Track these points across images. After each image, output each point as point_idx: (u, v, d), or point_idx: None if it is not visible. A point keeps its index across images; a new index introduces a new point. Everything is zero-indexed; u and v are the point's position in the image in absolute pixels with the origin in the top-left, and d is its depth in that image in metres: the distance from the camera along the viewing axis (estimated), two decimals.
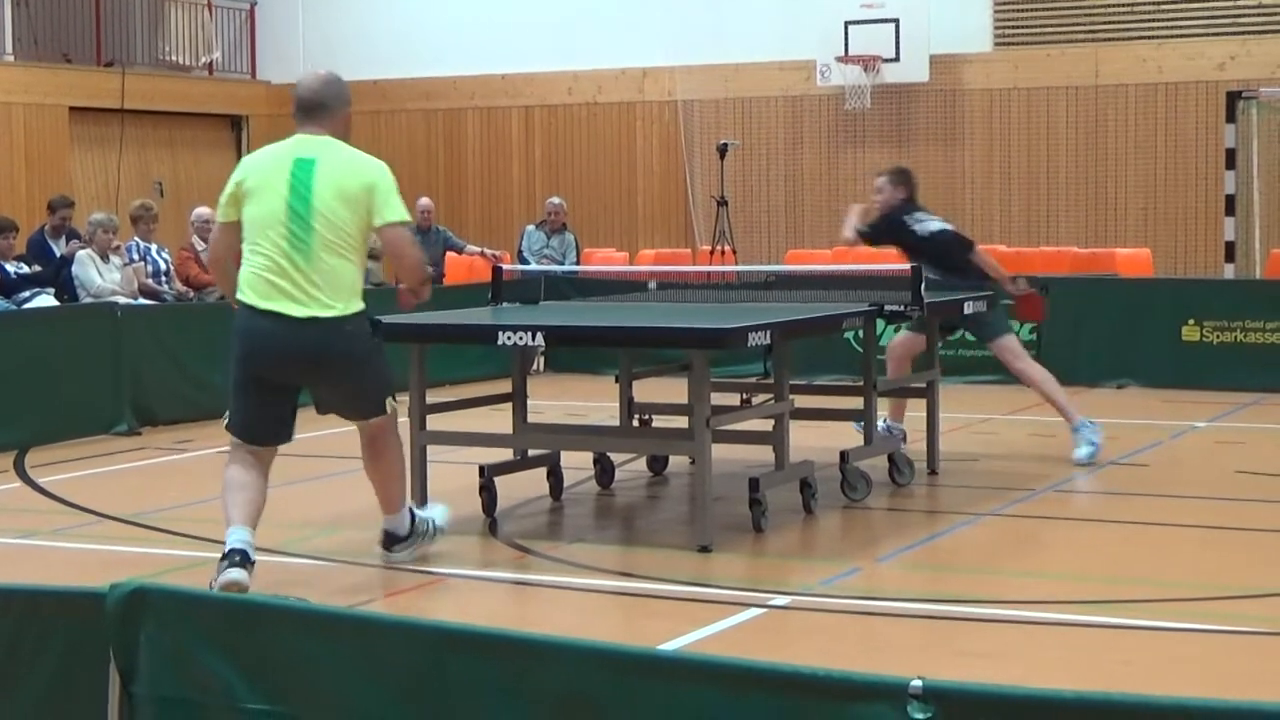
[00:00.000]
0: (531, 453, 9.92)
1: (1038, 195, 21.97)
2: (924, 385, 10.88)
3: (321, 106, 7.59)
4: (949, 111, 22.30)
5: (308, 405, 7.92)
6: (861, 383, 10.32)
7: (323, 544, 8.81)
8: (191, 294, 15.71)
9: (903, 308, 9.76)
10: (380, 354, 7.87)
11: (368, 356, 7.69)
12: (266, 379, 7.54)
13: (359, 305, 7.55)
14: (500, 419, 10.18)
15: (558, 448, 10.04)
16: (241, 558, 7.27)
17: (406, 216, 7.65)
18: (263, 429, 7.65)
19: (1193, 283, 17.64)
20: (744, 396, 11.48)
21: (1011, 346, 11.65)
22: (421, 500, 9.02)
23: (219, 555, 7.45)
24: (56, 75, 22.50)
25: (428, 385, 9.23)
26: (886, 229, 11.81)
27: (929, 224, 11.83)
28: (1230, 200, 19.69)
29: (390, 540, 8.18)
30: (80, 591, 4.05)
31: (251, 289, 7.46)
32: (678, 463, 10.91)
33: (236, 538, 7.35)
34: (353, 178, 7.48)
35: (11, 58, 22.37)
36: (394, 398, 7.82)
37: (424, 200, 19.66)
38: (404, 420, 9.38)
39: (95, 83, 22.83)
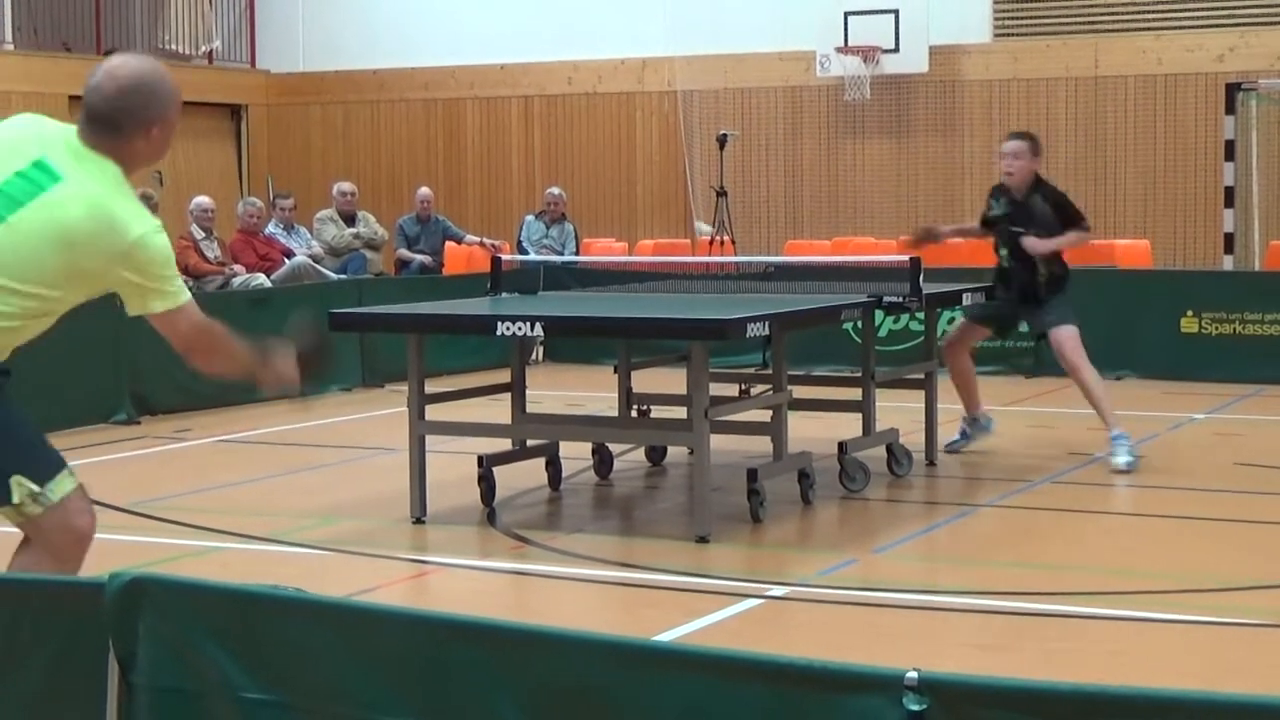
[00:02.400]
0: (530, 443, 9.93)
1: None
2: (922, 376, 10.88)
3: (111, 125, 5.06)
4: (948, 102, 22.29)
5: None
6: (860, 373, 10.33)
7: (320, 534, 8.81)
8: (191, 283, 15.71)
9: (902, 299, 9.76)
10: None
11: None
12: None
13: None
14: (499, 409, 10.19)
15: (556, 438, 10.05)
16: None
17: (181, 299, 5.28)
18: None
19: (1191, 274, 17.65)
20: (743, 387, 11.49)
21: (1073, 336, 11.06)
22: (421, 494, 9.01)
23: (220, 545, 7.44)
24: (56, 64, 22.48)
25: (426, 375, 9.22)
26: (1025, 212, 10.91)
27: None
28: (1229, 192, 19.67)
29: None
30: (79, 581, 4.06)
31: None
32: (676, 453, 10.91)
33: None
34: (92, 235, 5.01)
35: (11, 46, 22.37)
36: (36, 482, 5.18)
37: (423, 190, 19.69)
38: (402, 411, 9.40)
39: None
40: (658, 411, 11.03)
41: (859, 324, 11.09)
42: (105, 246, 4.99)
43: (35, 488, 5.08)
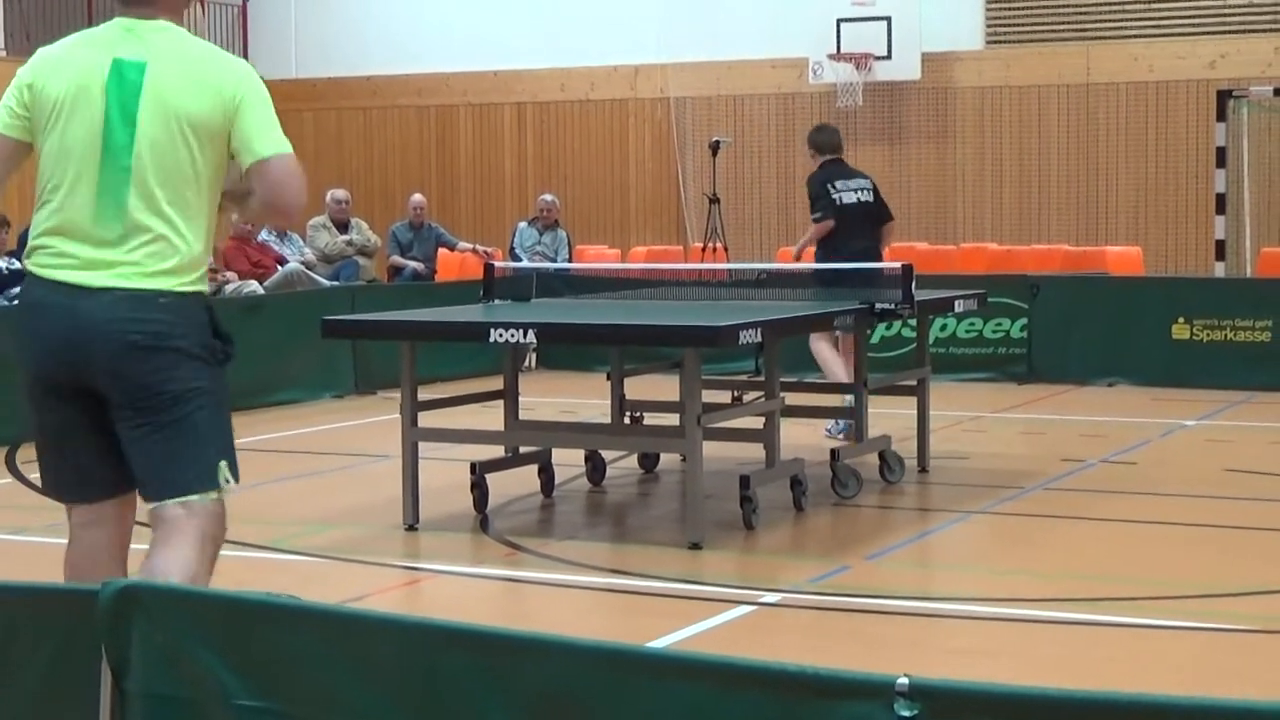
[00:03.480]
0: (523, 450, 9.94)
1: (1029, 193, 22.01)
2: (914, 383, 10.90)
3: None
4: (941, 109, 22.34)
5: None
6: (852, 381, 10.34)
7: (314, 541, 8.81)
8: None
9: (894, 306, 9.77)
10: (221, 391, 5.03)
11: (196, 368, 4.93)
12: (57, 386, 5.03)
13: (195, 283, 4.98)
14: (492, 416, 10.19)
15: (549, 445, 10.05)
16: None
17: (288, 145, 4.96)
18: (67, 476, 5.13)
19: (1183, 281, 17.67)
20: (735, 394, 11.50)
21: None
22: (413, 501, 9.02)
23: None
24: None
25: (419, 382, 9.22)
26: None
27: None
28: (1220, 199, 19.70)
29: None
30: (72, 589, 4.06)
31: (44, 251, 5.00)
32: (669, 460, 10.92)
33: None
34: (201, 89, 4.90)
35: (3, 52, 22.36)
36: (232, 473, 5.00)
37: (417, 196, 19.69)
38: (394, 418, 9.41)
39: None
40: (650, 418, 11.03)
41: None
42: (224, 105, 4.90)
43: (231, 477, 4.99)
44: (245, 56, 25.09)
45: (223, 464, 4.94)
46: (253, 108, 4.90)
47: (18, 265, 15.10)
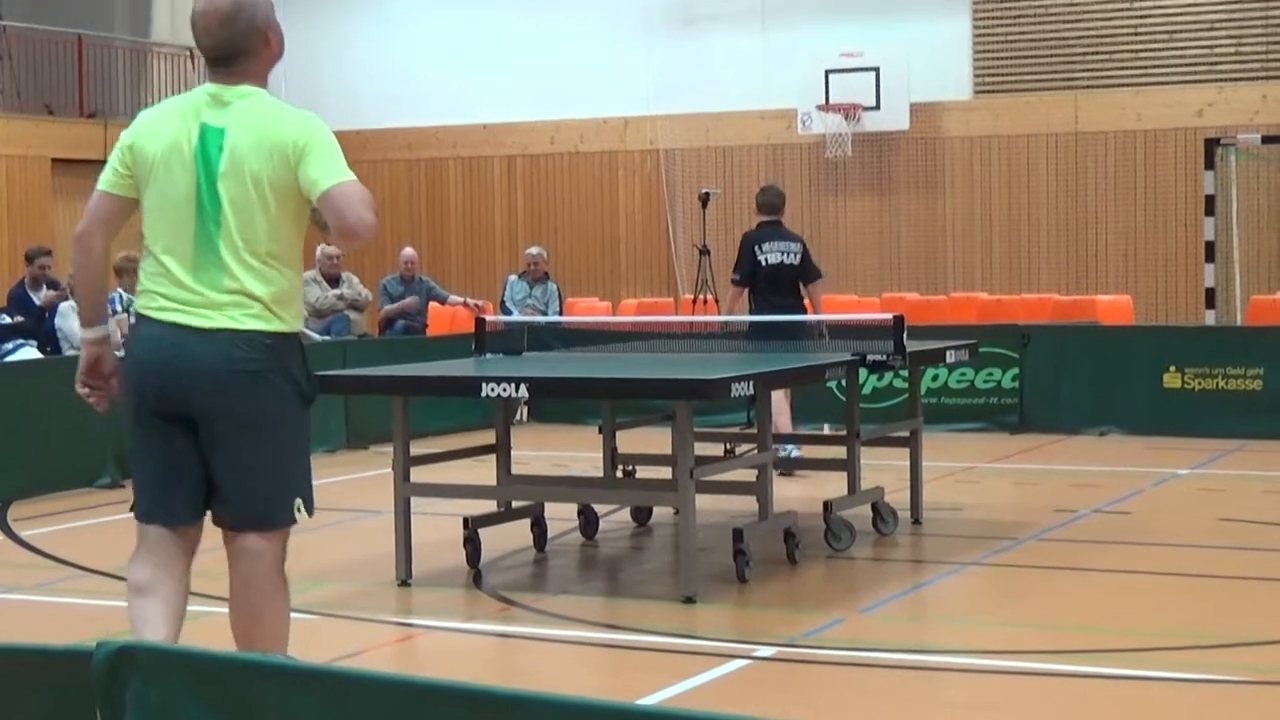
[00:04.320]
0: (515, 504, 9.93)
1: (1018, 242, 22.07)
2: (907, 434, 10.90)
3: (238, 52, 5.60)
4: (930, 159, 22.42)
5: None
6: (844, 432, 10.34)
7: (306, 597, 8.78)
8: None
9: (885, 357, 9.79)
10: (306, 428, 5.69)
11: (289, 405, 5.58)
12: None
13: (291, 322, 5.61)
14: (484, 470, 10.18)
15: (542, 499, 10.05)
16: None
17: (348, 174, 5.50)
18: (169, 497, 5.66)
19: (1174, 329, 17.72)
20: (727, 446, 11.50)
21: None
22: (406, 557, 9.01)
23: (205, 609, 7.41)
24: (39, 126, 22.55)
25: (411, 436, 9.22)
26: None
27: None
28: (1210, 246, 19.79)
29: None
30: (66, 649, 4.05)
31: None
32: (662, 513, 10.91)
33: None
34: (270, 151, 5.49)
35: None
36: (307, 508, 5.65)
37: (407, 250, 19.71)
38: (387, 473, 9.40)
39: (78, 134, 22.88)
40: (643, 471, 11.02)
41: (843, 382, 11.11)
42: (287, 159, 5.44)
43: (306, 511, 5.61)
44: None
45: (298, 500, 5.56)
46: (313, 151, 5.44)
47: (8, 321, 15.11)
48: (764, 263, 13.15)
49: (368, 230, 5.43)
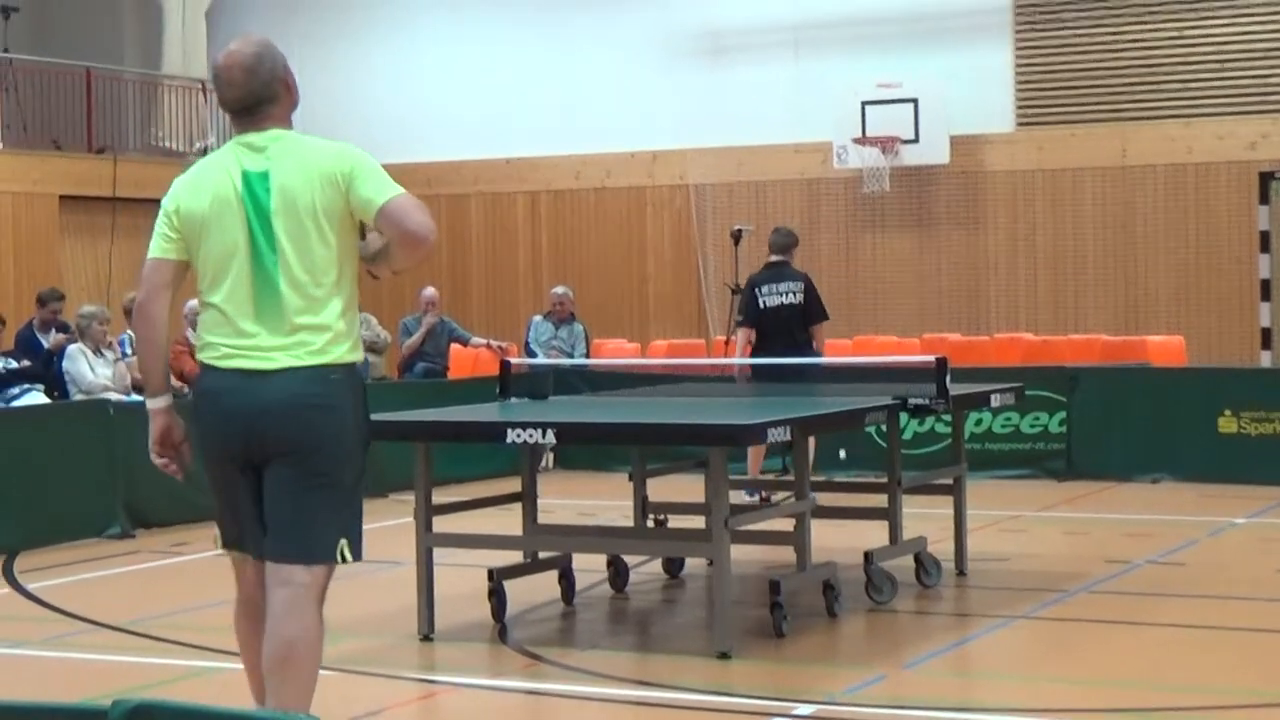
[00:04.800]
0: (542, 555, 9.92)
1: (1064, 281, 22.04)
2: (950, 481, 10.88)
3: (262, 100, 6.00)
4: (971, 194, 22.42)
5: None
6: (885, 479, 10.33)
7: (325, 653, 8.75)
8: (186, 389, 15.76)
9: (927, 400, 9.77)
10: (361, 471, 6.04)
11: (351, 444, 5.96)
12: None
13: (352, 352, 6.01)
14: (509, 519, 10.18)
15: (569, 550, 10.04)
16: None
17: (400, 189, 5.95)
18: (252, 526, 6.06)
19: (1228, 371, 17.65)
20: (763, 494, 11.48)
21: None
22: (428, 610, 9.00)
23: (221, 665, 7.41)
24: (46, 162, 22.67)
25: (433, 484, 9.22)
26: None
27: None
28: (1265, 285, 19.76)
29: None
30: (80, 708, 4.05)
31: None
32: (695, 564, 10.89)
33: None
34: (318, 181, 5.91)
35: (0, 145, 22.54)
36: (352, 551, 5.96)
37: (428, 290, 19.75)
38: (408, 522, 9.40)
39: (86, 170, 23.00)
40: (675, 521, 11.01)
41: (883, 427, 11.10)
42: (337, 185, 5.87)
43: (350, 555, 5.93)
44: None
45: (344, 541, 5.89)
46: (361, 175, 5.88)
47: (15, 365, 15.16)
48: (763, 305, 13.99)
49: (430, 233, 5.84)
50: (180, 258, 6.02)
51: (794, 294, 13.92)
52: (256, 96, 5.97)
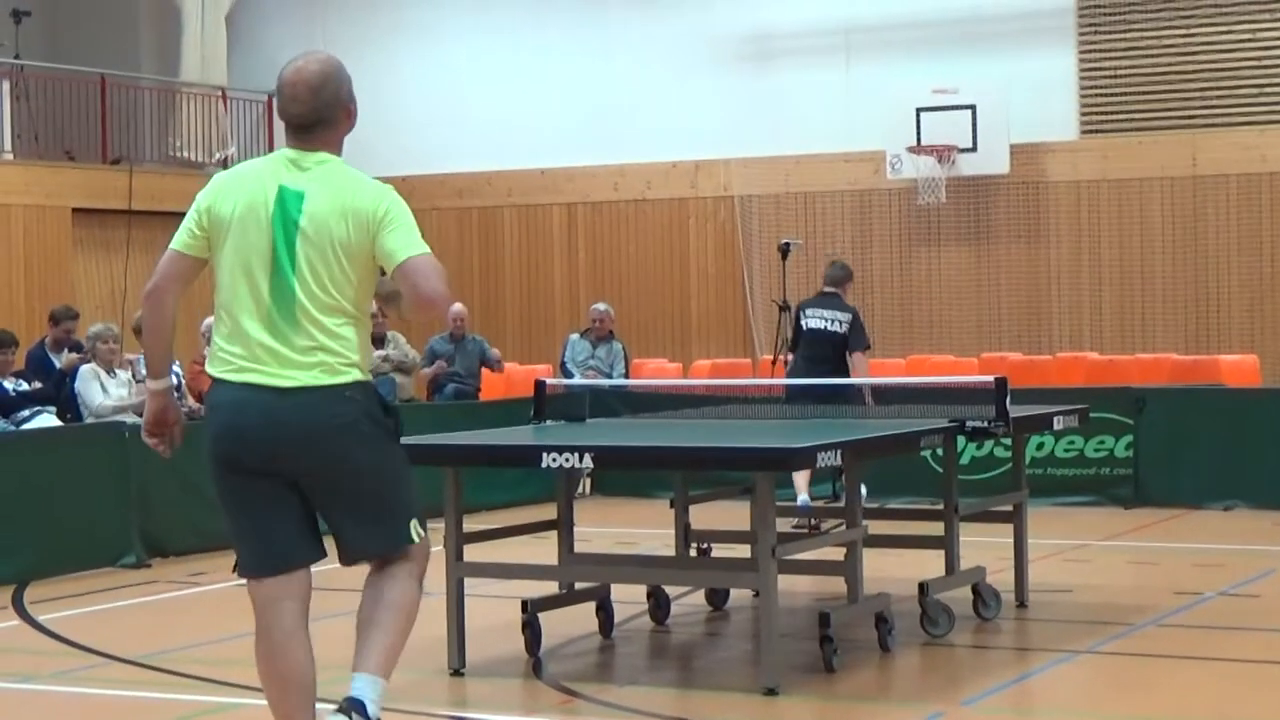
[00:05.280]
0: (579, 586, 9.92)
1: (1131, 297, 21.97)
2: (1010, 509, 10.84)
3: (322, 122, 6.40)
4: (1032, 206, 22.37)
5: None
6: (942, 506, 10.30)
7: (343, 689, 8.78)
8: (201, 408, 15.80)
9: (986, 423, 9.74)
10: (403, 459, 6.52)
11: (382, 445, 6.37)
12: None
13: (365, 372, 6.39)
14: (544, 548, 10.18)
15: (607, 580, 10.04)
16: None
17: (425, 247, 6.28)
18: (270, 548, 6.35)
19: None
20: (813, 522, 11.47)
21: None
22: (459, 643, 9.01)
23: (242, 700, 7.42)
24: (59, 174, 22.79)
25: (464, 511, 9.23)
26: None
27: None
28: None
29: (353, 708, 6.35)
30: None
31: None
32: (740, 596, 10.88)
33: None
34: (349, 216, 6.26)
35: (11, 155, 22.68)
36: (421, 528, 6.49)
37: (456, 306, 19.71)
38: (438, 551, 9.41)
39: (100, 182, 23.11)
40: (719, 550, 11.00)
41: (939, 451, 11.06)
42: (367, 227, 6.21)
43: (422, 532, 6.46)
44: (271, 152, 25.35)
45: (413, 523, 6.39)
46: (391, 223, 6.21)
47: (25, 387, 15.22)
48: (804, 327, 14.68)
49: (444, 301, 6.20)
50: (200, 255, 6.37)
51: (839, 323, 14.50)
52: (317, 116, 6.34)
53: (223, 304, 6.30)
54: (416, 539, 6.42)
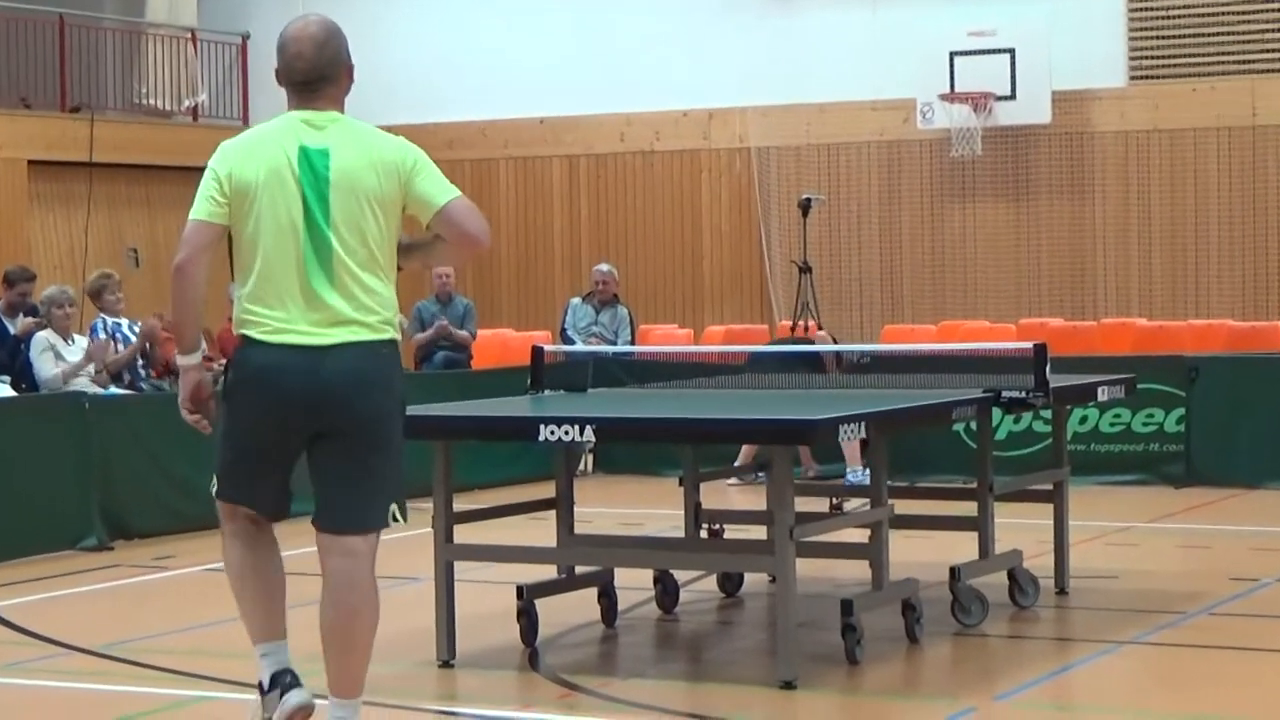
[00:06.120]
0: (579, 570, 9.93)
1: (1184, 257, 21.97)
2: (1049, 487, 10.85)
3: (325, 79, 7.01)
4: (1076, 158, 22.36)
5: None
6: (975, 485, 10.31)
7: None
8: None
9: (1024, 394, 9.75)
10: (402, 439, 7.08)
11: (399, 415, 7.03)
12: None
13: (395, 330, 7.01)
14: (541, 530, 10.20)
15: (610, 564, 10.04)
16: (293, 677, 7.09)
17: (457, 190, 6.99)
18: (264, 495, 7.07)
19: None
20: (834, 501, 11.47)
21: None
22: (449, 632, 9.02)
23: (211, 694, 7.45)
24: (14, 123, 22.78)
25: (454, 489, 9.24)
26: None
27: None
28: None
29: None
30: None
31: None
32: (755, 581, 10.90)
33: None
34: (379, 167, 6.88)
35: None
36: (401, 513, 7.43)
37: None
38: (426, 532, 9.43)
39: (59, 131, 23.11)
40: (732, 531, 11.01)
41: (973, 425, 11.08)
42: (398, 176, 6.86)
43: (401, 516, 7.25)
44: (245, 104, 25.40)
45: (394, 506, 6.76)
46: (422, 172, 6.90)
47: None
48: None
49: (486, 237, 6.99)
50: (225, 223, 6.88)
51: None
52: (321, 73, 6.94)
53: (252, 267, 6.81)
54: (388, 523, 7.08)
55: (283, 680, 7.07)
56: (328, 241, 6.77)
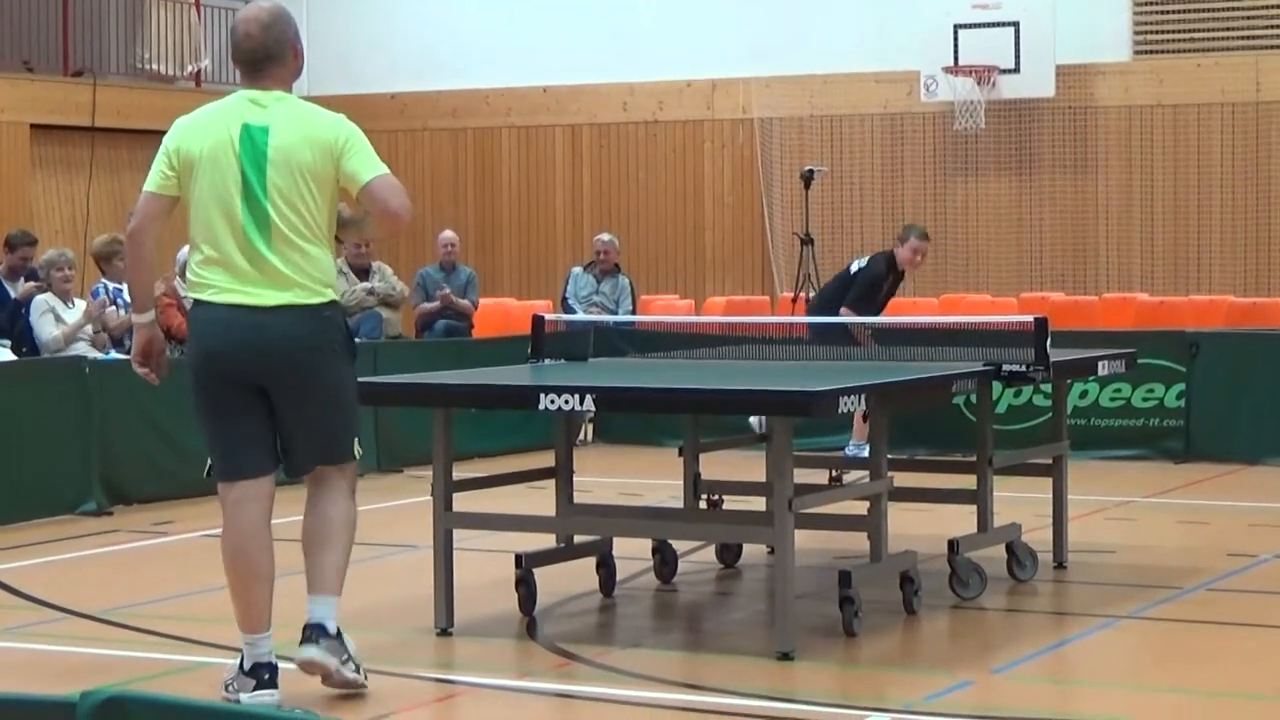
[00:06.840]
0: (578, 540, 9.94)
1: (1186, 233, 21.96)
2: (1049, 461, 10.86)
3: (271, 58, 7.56)
4: (1079, 133, 22.34)
5: None
6: (974, 458, 10.31)
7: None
8: (175, 346, 15.80)
9: (1024, 368, 9.75)
10: (354, 381, 7.91)
11: (346, 365, 7.71)
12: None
13: (335, 293, 7.65)
14: (540, 499, 10.21)
15: (609, 534, 10.05)
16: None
17: (385, 168, 7.52)
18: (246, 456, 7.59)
19: None
20: (833, 473, 11.48)
21: None
22: (447, 601, 9.04)
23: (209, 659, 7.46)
24: (16, 87, 22.75)
25: (454, 458, 9.25)
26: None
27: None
28: None
29: (316, 633, 7.66)
30: (47, 700, 4.09)
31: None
32: (753, 552, 10.91)
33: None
34: (313, 144, 7.46)
35: None
36: (360, 446, 7.88)
37: (447, 234, 19.74)
38: (425, 501, 9.44)
39: (62, 96, 23.08)
40: (731, 502, 11.02)
41: (973, 398, 11.09)
42: (331, 153, 7.42)
43: (360, 449, 7.80)
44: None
45: (356, 440, 7.75)
46: (353, 149, 7.46)
47: None
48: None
49: (408, 214, 7.48)
50: (173, 194, 7.55)
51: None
52: (267, 52, 7.49)
53: (200, 235, 7.47)
54: (356, 455, 7.76)
55: (259, 675, 7.52)
56: (265, 212, 7.38)
